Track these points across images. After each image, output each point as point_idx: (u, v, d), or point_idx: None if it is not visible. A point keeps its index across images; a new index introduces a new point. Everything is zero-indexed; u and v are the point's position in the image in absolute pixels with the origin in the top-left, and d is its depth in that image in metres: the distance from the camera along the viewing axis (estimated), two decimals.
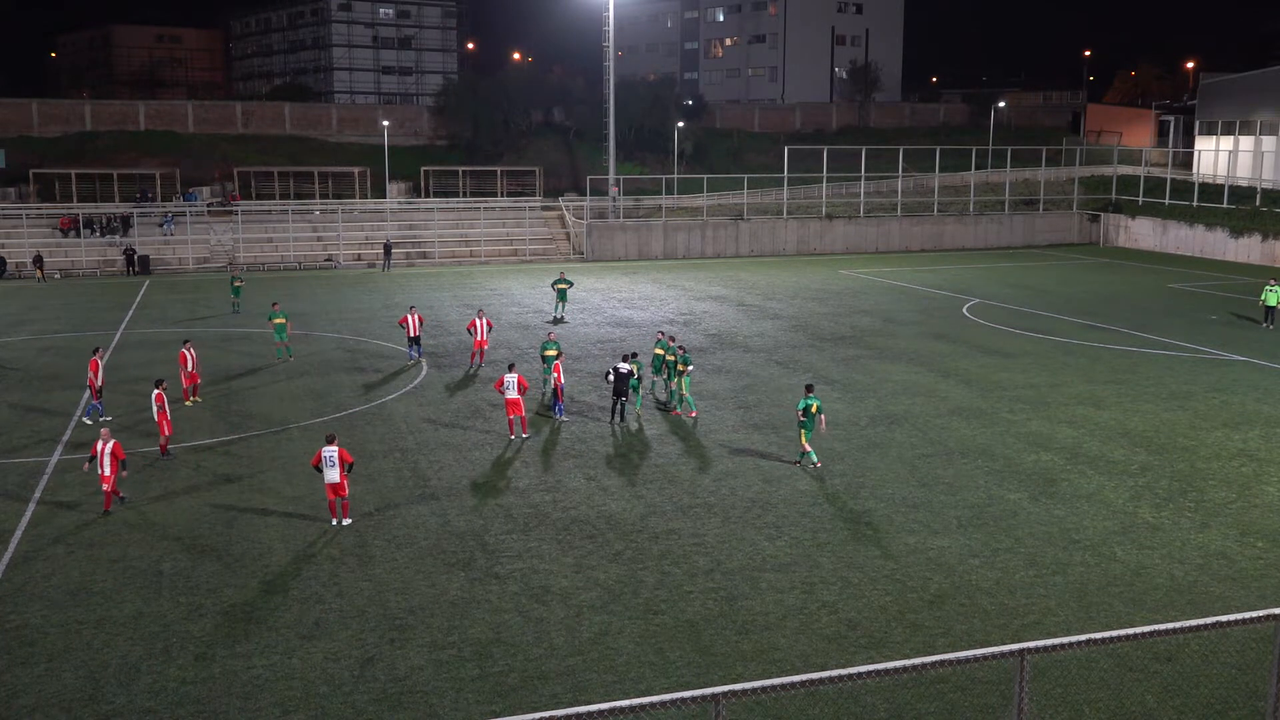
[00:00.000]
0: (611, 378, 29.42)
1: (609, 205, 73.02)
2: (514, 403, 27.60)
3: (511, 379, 27.70)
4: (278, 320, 37.15)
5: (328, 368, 36.59)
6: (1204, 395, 32.70)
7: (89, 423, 29.03)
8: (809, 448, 25.44)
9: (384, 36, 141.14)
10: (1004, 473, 25.20)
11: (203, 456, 26.42)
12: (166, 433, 26.05)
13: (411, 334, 37.24)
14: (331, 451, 21.36)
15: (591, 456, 26.49)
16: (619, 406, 29.48)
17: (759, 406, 31.33)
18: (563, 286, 46.56)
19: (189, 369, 30.97)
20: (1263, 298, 44.92)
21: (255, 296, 49.42)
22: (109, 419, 29.24)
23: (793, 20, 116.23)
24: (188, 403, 30.79)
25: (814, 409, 25.16)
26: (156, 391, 25.99)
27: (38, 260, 59.92)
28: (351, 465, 21.81)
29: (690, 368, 30.31)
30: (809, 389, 25.81)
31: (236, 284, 48.78)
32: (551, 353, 31.72)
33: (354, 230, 69.68)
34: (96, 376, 29.33)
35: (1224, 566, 19.75)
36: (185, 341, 31.94)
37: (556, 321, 45.60)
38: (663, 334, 33.58)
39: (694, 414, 29.98)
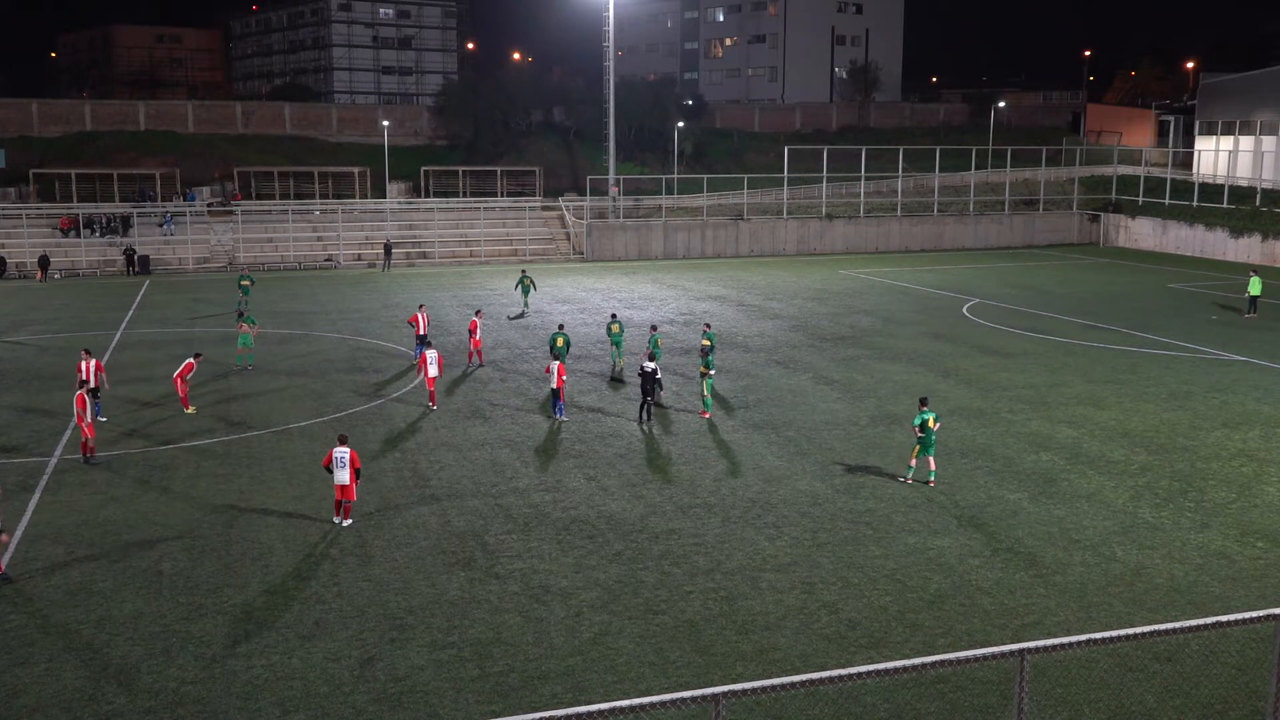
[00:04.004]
0: (639, 378, 29.62)
1: (609, 205, 73.02)
2: (433, 379, 30.92)
3: (432, 355, 30.94)
4: (243, 327, 36.71)
5: (328, 368, 36.59)
6: (1204, 395, 32.70)
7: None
8: (915, 463, 24.18)
9: (384, 36, 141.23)
10: (1004, 473, 25.19)
11: (203, 457, 26.42)
12: (88, 435, 25.65)
13: (420, 332, 37.26)
14: (343, 452, 21.36)
15: (591, 456, 26.49)
16: (646, 406, 29.51)
17: (759, 406, 31.33)
18: (527, 283, 48.52)
19: (188, 376, 30.36)
20: (1250, 289, 47.45)
21: (256, 297, 49.39)
22: (104, 419, 29.20)
23: (793, 20, 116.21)
24: (188, 410, 30.50)
25: (930, 422, 23.59)
26: (79, 393, 25.70)
27: (44, 261, 59.84)
28: (360, 471, 21.79)
29: (712, 371, 30.56)
30: (923, 402, 24.28)
31: (244, 282, 48.58)
32: (560, 343, 33.34)
33: (354, 230, 69.66)
34: (91, 379, 28.70)
35: (1224, 566, 19.76)
36: (197, 355, 31.32)
37: (522, 316, 47.02)
38: (655, 328, 36.01)
39: (706, 415, 30.10)
